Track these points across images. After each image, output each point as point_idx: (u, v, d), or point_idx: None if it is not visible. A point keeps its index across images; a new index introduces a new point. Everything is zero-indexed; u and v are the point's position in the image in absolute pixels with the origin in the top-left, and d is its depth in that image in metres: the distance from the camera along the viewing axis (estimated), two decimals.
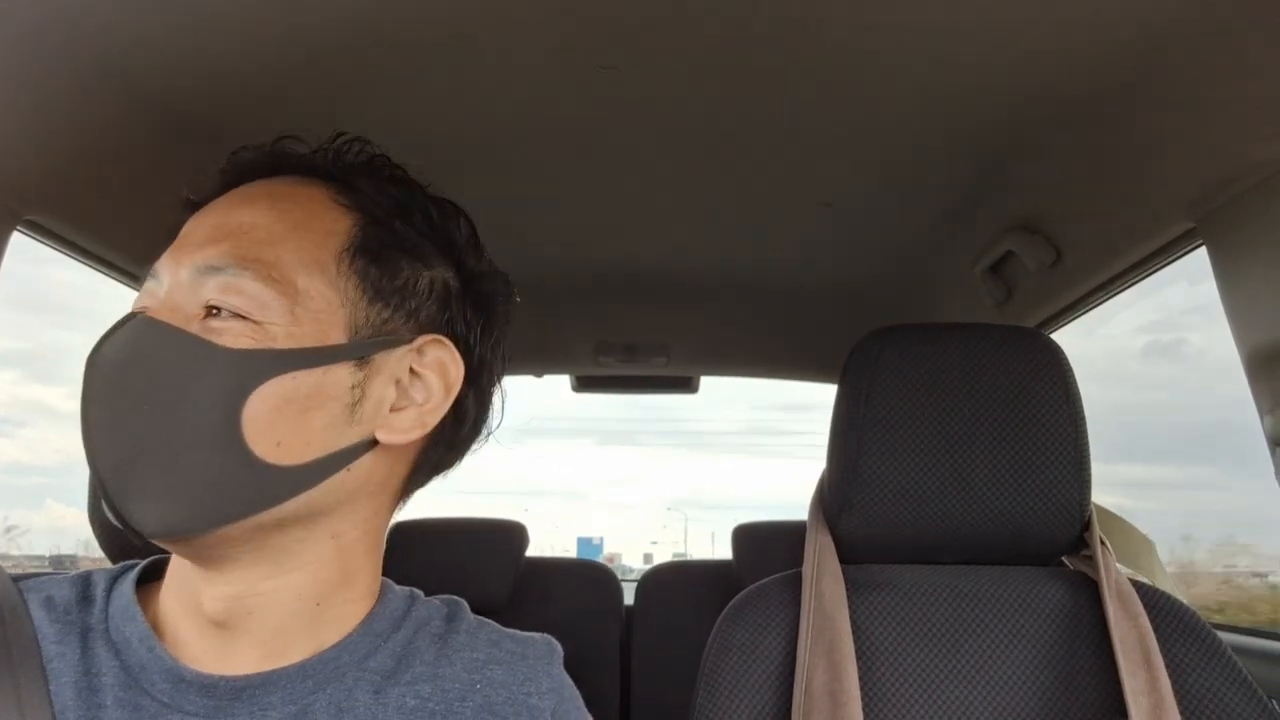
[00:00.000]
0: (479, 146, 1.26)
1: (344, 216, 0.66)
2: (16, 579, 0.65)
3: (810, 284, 1.90)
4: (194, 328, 0.59)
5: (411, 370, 0.66)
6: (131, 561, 0.68)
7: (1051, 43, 0.97)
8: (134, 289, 1.39)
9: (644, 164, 1.34)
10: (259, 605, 0.61)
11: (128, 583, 0.65)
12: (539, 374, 2.28)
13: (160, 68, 1.02)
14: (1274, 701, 0.88)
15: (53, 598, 0.63)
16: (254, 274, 0.60)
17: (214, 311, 0.59)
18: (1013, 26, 0.94)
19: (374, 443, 0.64)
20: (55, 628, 0.61)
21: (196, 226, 0.64)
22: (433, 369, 0.67)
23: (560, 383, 2.37)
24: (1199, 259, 1.12)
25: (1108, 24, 0.93)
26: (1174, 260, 1.23)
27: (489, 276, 0.74)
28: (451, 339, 0.68)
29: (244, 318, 0.59)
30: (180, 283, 0.61)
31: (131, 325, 0.59)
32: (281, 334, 0.60)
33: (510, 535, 1.83)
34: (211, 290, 0.59)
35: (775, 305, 2.02)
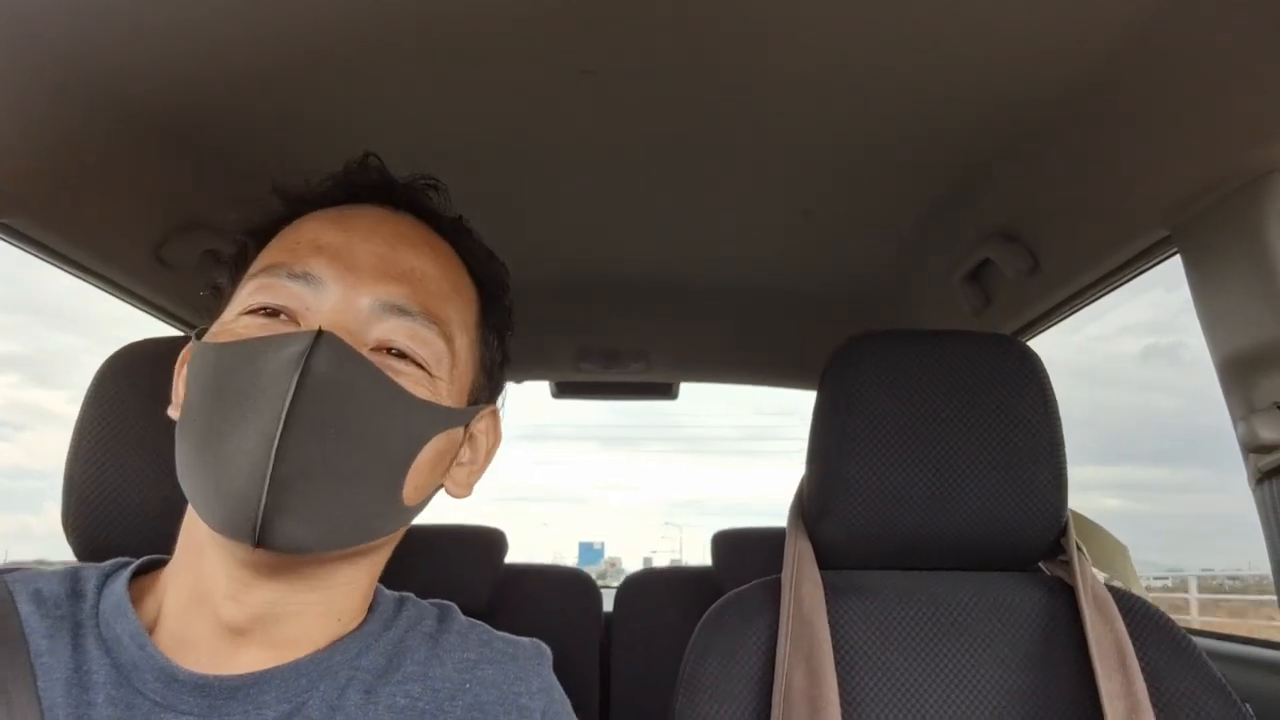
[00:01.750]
0: (460, 151, 1.26)
1: (473, 286, 0.73)
2: (3, 571, 0.65)
3: (789, 290, 1.90)
4: (374, 360, 0.61)
5: (471, 433, 0.73)
6: (123, 560, 0.68)
7: (1028, 51, 0.98)
8: (108, 292, 1.38)
9: (625, 169, 1.34)
10: (289, 614, 0.63)
11: (120, 580, 0.65)
12: (519, 380, 2.27)
13: (139, 74, 1.02)
14: (1247, 705, 0.89)
15: (41, 591, 0.63)
16: (438, 330, 0.65)
17: (392, 352, 0.63)
18: (990, 35, 0.95)
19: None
20: (45, 623, 0.61)
21: (357, 251, 0.64)
22: (484, 434, 0.75)
23: (543, 390, 2.36)
24: (1174, 266, 1.13)
25: (1084, 33, 0.94)
26: (1150, 267, 1.24)
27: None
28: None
29: (422, 368, 0.64)
30: (356, 308, 0.62)
31: (334, 348, 0.58)
32: (445, 390, 0.66)
33: (489, 542, 1.82)
34: (397, 332, 0.63)
35: (755, 311, 2.03)
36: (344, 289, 0.62)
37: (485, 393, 0.74)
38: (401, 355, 0.63)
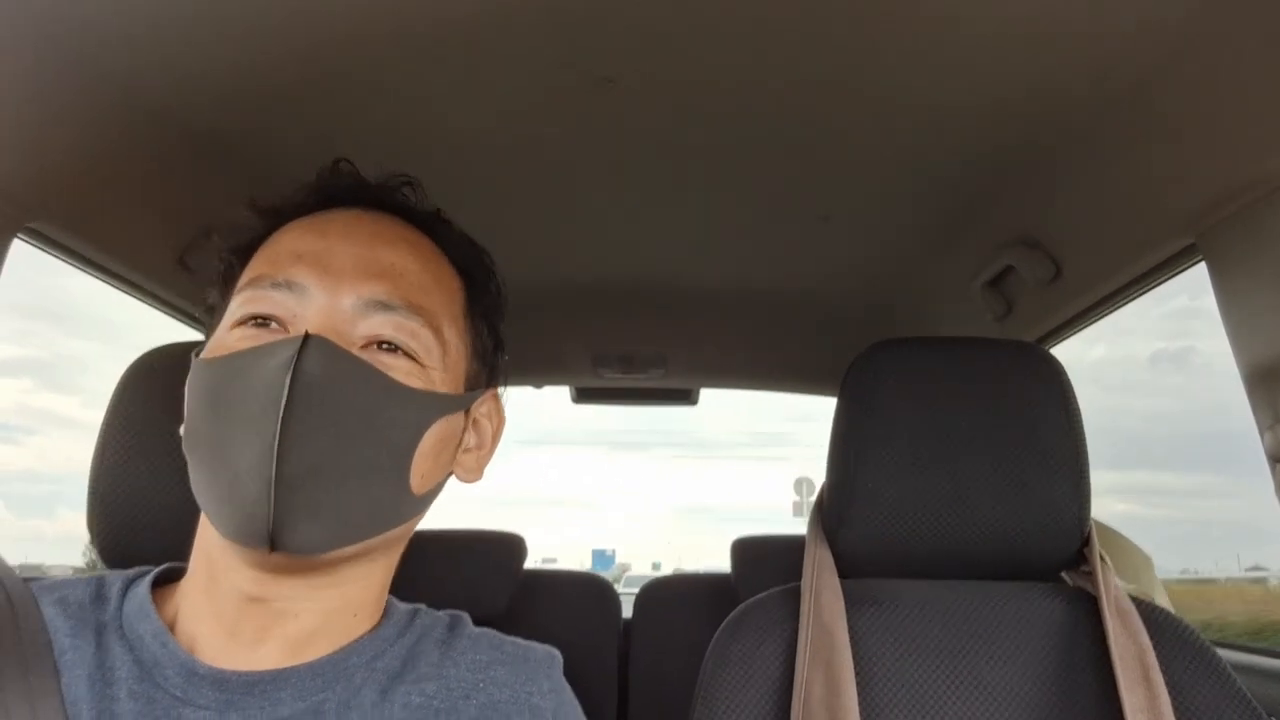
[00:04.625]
0: (479, 157, 1.26)
1: (456, 276, 0.74)
2: (28, 579, 0.66)
3: (809, 297, 1.90)
4: (364, 356, 0.63)
5: (474, 418, 0.75)
6: (145, 568, 0.70)
7: (1052, 58, 0.97)
8: (133, 296, 1.39)
9: (644, 176, 1.34)
10: (309, 609, 0.65)
11: (143, 585, 0.67)
12: (538, 385, 2.28)
13: (165, 81, 1.03)
14: (1273, 719, 0.88)
15: (66, 597, 0.65)
16: (424, 320, 0.67)
17: (382, 346, 0.65)
18: (1012, 42, 0.94)
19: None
20: (69, 623, 0.63)
21: (336, 254, 0.66)
22: (486, 417, 0.77)
23: (564, 395, 2.37)
24: (1199, 274, 1.12)
25: (1108, 40, 0.93)
26: (1174, 275, 1.23)
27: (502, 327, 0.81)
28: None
29: (412, 358, 0.66)
30: (340, 309, 0.64)
31: (322, 349, 0.59)
32: (438, 379, 0.68)
33: (508, 547, 1.83)
34: (383, 327, 0.65)
35: (774, 318, 2.02)
36: (326, 292, 0.64)
37: (482, 378, 0.76)
38: (392, 349, 0.65)
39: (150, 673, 0.61)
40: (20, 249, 1.09)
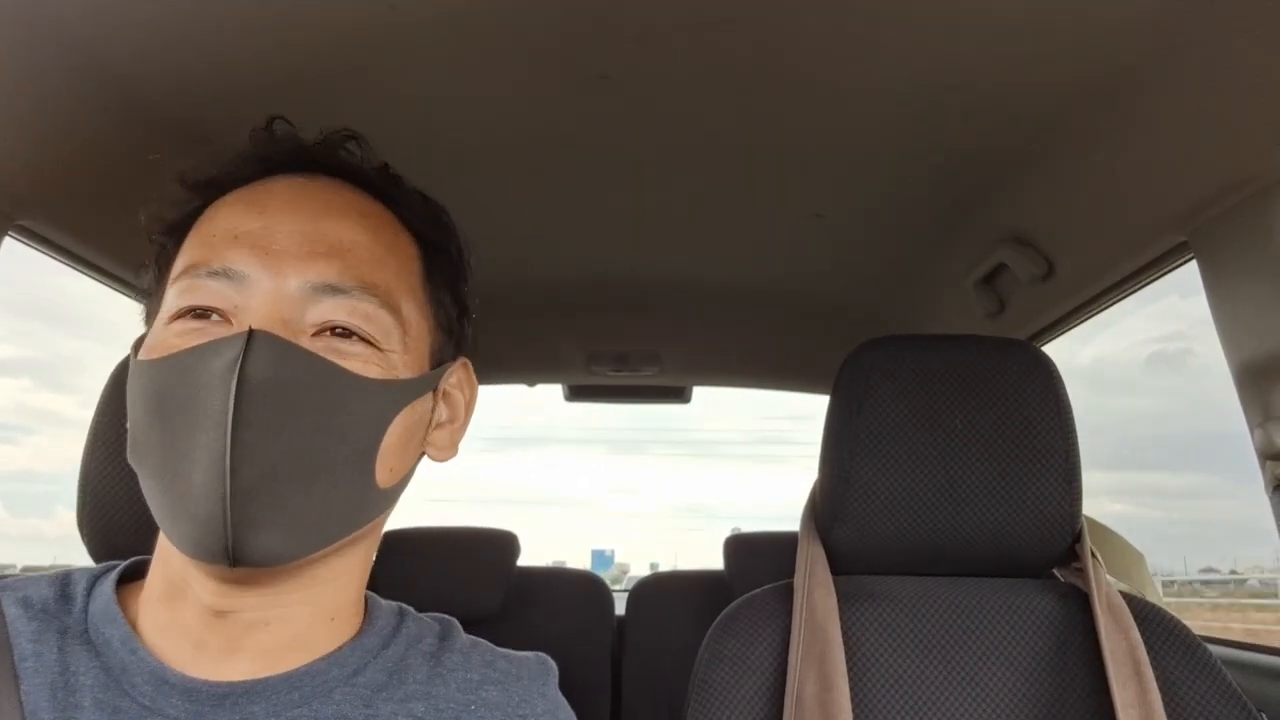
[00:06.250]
0: (473, 153, 1.26)
1: (412, 243, 0.68)
2: None
3: (802, 294, 1.90)
4: (314, 346, 0.57)
5: (444, 390, 0.69)
6: (113, 563, 0.66)
7: (1043, 56, 0.97)
8: (124, 294, 1.39)
9: (639, 173, 1.34)
10: (280, 617, 0.61)
11: (108, 583, 0.63)
12: (531, 383, 2.27)
13: (157, 78, 1.02)
14: (1263, 715, 0.88)
15: (29, 597, 0.61)
16: (378, 300, 0.60)
17: (336, 332, 0.59)
18: (1004, 40, 0.95)
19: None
20: (32, 626, 0.59)
21: (277, 234, 0.60)
22: (457, 388, 0.71)
23: (557, 393, 2.36)
24: (1190, 272, 1.13)
25: (1099, 38, 0.93)
26: (1165, 273, 1.23)
27: (469, 291, 0.75)
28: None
29: (370, 343, 0.60)
30: (286, 294, 0.58)
31: (270, 346, 0.54)
32: (399, 363, 0.62)
33: (501, 545, 1.83)
34: (336, 311, 0.59)
35: (767, 316, 2.02)
36: (270, 278, 0.58)
37: (449, 350, 0.70)
38: (346, 334, 0.59)
39: (118, 680, 0.57)
40: (11, 247, 1.08)
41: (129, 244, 1.28)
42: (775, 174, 1.33)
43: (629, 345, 2.10)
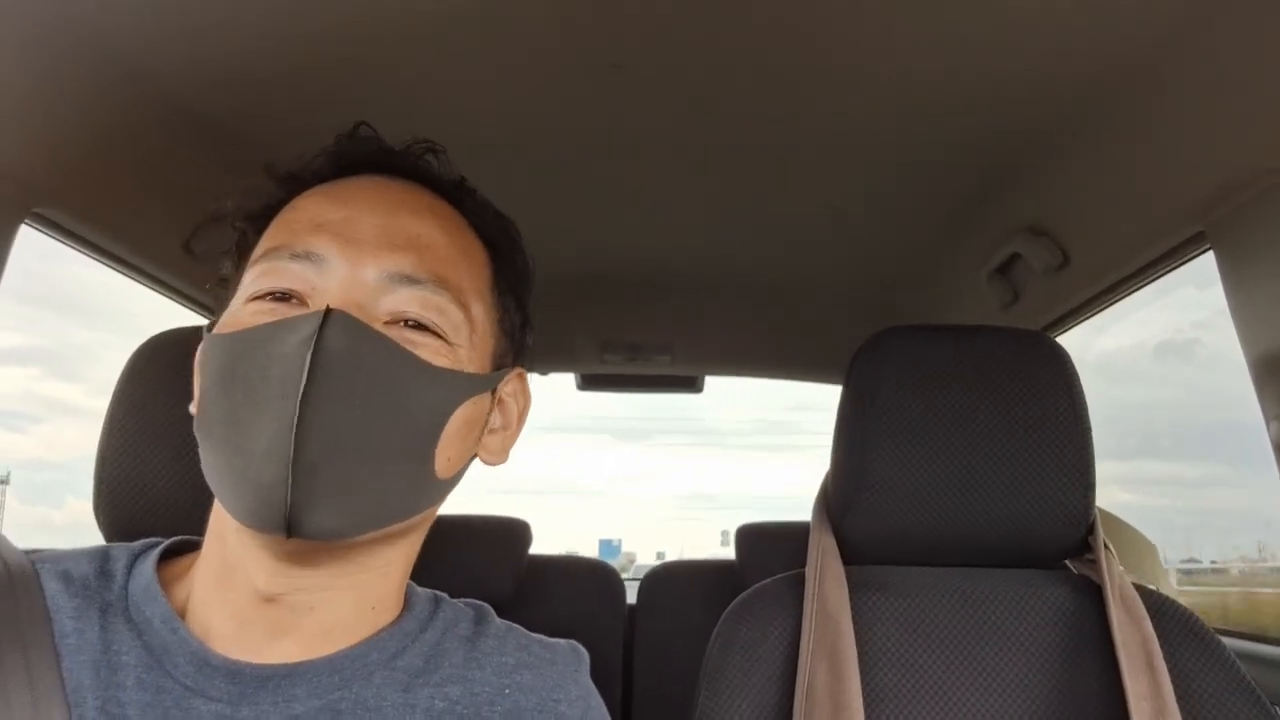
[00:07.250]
0: (484, 142, 1.26)
1: (482, 249, 0.71)
2: (30, 553, 0.63)
3: (815, 284, 1.89)
4: (389, 333, 0.59)
5: (500, 398, 0.71)
6: (153, 540, 0.67)
7: (1060, 46, 0.97)
8: (139, 281, 1.40)
9: (651, 164, 1.34)
10: (325, 602, 0.62)
11: (149, 561, 0.64)
12: (544, 372, 2.27)
13: (170, 61, 1.03)
14: (1277, 708, 0.88)
15: (70, 572, 0.62)
16: (450, 295, 0.63)
17: (408, 324, 0.61)
18: (1020, 30, 0.94)
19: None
20: (74, 603, 0.60)
21: (358, 224, 0.62)
22: (512, 397, 0.74)
23: (569, 382, 2.36)
24: (1207, 263, 1.12)
25: (1117, 27, 0.92)
26: (1182, 264, 1.22)
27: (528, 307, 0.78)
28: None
29: (440, 336, 0.62)
30: (363, 282, 0.60)
31: (345, 325, 0.56)
32: (465, 357, 0.64)
33: (514, 533, 1.83)
34: (409, 303, 0.61)
35: (780, 305, 2.02)
36: (349, 264, 0.60)
37: (509, 356, 0.72)
38: (418, 326, 0.61)
39: (160, 660, 0.58)
40: (27, 235, 1.09)
41: (143, 231, 1.29)
42: (789, 164, 1.33)
43: (642, 335, 2.10)
